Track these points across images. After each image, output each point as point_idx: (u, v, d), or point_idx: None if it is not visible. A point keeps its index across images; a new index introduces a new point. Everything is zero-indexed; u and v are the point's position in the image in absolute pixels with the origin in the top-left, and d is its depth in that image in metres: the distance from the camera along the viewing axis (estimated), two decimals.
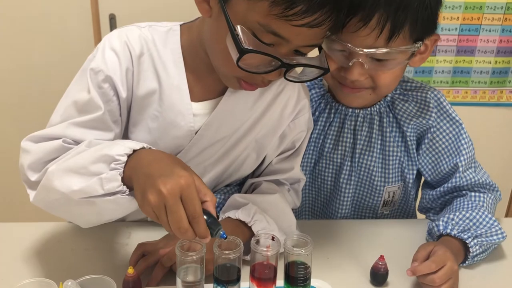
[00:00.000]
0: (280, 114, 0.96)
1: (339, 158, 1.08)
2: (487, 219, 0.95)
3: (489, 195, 1.03)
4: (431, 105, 1.03)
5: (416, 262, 0.85)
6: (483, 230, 0.93)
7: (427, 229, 1.01)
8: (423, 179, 1.12)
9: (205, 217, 0.67)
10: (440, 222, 0.94)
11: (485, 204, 1.01)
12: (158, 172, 0.66)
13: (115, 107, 0.86)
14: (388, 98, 1.05)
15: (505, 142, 2.13)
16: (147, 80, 0.86)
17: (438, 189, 1.06)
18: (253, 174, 1.04)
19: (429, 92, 1.04)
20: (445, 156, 1.05)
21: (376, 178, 1.07)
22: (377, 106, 1.05)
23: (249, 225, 0.88)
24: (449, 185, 1.04)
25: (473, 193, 1.03)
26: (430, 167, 1.07)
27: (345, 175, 1.07)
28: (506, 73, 2.03)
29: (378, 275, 0.88)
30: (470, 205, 0.99)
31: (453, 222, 0.94)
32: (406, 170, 1.07)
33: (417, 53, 0.94)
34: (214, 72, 0.85)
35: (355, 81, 0.93)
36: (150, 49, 0.86)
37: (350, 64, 0.90)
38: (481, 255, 0.93)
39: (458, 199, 1.03)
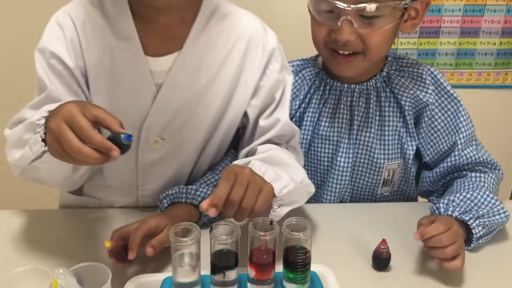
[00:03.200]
0: (242, 61, 0.93)
1: (335, 136, 1.05)
2: (488, 199, 0.93)
3: (490, 174, 1.01)
4: (427, 81, 1.02)
5: (422, 226, 0.83)
6: (485, 211, 0.91)
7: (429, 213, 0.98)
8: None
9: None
10: (441, 205, 0.92)
11: (486, 184, 0.98)
12: (49, 117, 0.73)
13: (70, 80, 0.87)
14: (384, 73, 1.04)
15: (510, 124, 2.10)
16: (97, 45, 0.87)
17: (437, 168, 1.04)
18: (243, 145, 1.01)
19: (425, 69, 1.04)
20: (444, 134, 1.03)
21: (376, 155, 1.05)
22: (373, 81, 1.03)
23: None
24: (448, 163, 1.02)
25: (473, 173, 1.01)
26: (429, 146, 1.05)
27: (343, 153, 1.05)
28: (511, 55, 1.99)
29: (380, 259, 0.86)
30: (470, 186, 0.97)
31: (454, 203, 0.92)
32: (405, 146, 1.05)
33: (408, 18, 0.95)
34: (167, 21, 0.87)
35: (346, 42, 0.93)
36: (94, 11, 0.87)
37: (339, 23, 0.91)
38: (486, 237, 0.91)
39: (459, 180, 1.01)
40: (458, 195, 0.94)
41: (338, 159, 1.05)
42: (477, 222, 0.89)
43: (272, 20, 1.05)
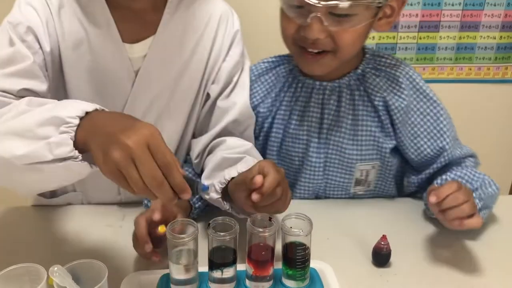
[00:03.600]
0: (212, 42, 0.94)
1: (305, 135, 1.02)
2: (477, 174, 0.95)
3: (472, 158, 1.04)
4: (403, 85, 0.98)
5: (434, 191, 0.81)
6: (478, 184, 0.92)
7: (425, 204, 0.99)
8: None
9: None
10: (438, 181, 0.92)
11: (468, 164, 1.01)
12: (118, 128, 0.61)
13: (41, 62, 0.84)
14: (359, 71, 1.00)
15: (509, 118, 2.09)
16: (73, 32, 0.86)
17: (424, 174, 1.02)
18: (197, 127, 1.00)
19: (403, 72, 1.00)
20: (427, 139, 1.00)
21: (347, 155, 1.01)
22: (347, 78, 0.99)
23: None
24: (438, 165, 1.01)
25: (458, 166, 1.02)
26: (412, 150, 1.01)
27: (313, 152, 1.02)
28: (511, 49, 1.98)
29: (380, 255, 0.85)
30: (458, 167, 0.99)
31: (448, 179, 0.93)
32: (383, 146, 1.01)
33: (383, 16, 0.90)
34: (141, 7, 0.86)
35: (315, 40, 0.89)
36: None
37: (308, 20, 0.86)
38: (483, 211, 0.91)
39: (444, 172, 1.01)
40: (448, 173, 0.95)
41: (309, 158, 1.02)
42: (474, 195, 0.88)
43: (254, 18, 1.04)
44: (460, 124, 2.04)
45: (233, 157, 0.88)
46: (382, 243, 0.85)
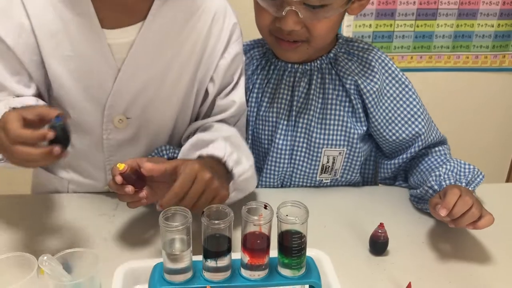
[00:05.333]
0: (207, 35, 0.92)
1: (274, 117, 1.01)
2: (465, 166, 0.96)
3: (445, 145, 1.04)
4: (375, 69, 0.98)
5: (439, 205, 0.81)
6: (469, 177, 0.93)
7: (413, 196, 0.99)
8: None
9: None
10: (432, 183, 0.92)
11: (448, 155, 1.02)
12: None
13: (12, 60, 0.84)
14: (331, 55, 1.00)
15: (506, 107, 2.08)
16: (48, 20, 0.83)
17: (400, 158, 1.02)
18: (196, 118, 1.00)
19: (375, 56, 0.99)
20: (400, 124, 0.99)
21: (314, 139, 1.00)
22: (318, 62, 0.99)
23: (223, 160, 0.83)
24: (412, 153, 1.00)
25: (433, 149, 1.02)
26: (388, 136, 1.00)
27: (281, 135, 1.01)
28: (509, 37, 1.97)
29: (378, 243, 0.84)
30: (441, 160, 0.99)
31: (441, 178, 0.92)
32: (351, 132, 0.99)
33: (355, 0, 0.91)
34: None
35: (291, 31, 0.90)
36: None
37: (283, 13, 0.87)
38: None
39: (424, 160, 1.01)
40: (440, 169, 0.95)
41: (277, 141, 1.01)
42: (470, 188, 0.90)
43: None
44: (456, 113, 2.04)
45: (206, 140, 0.87)
46: (380, 231, 0.84)
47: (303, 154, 1.02)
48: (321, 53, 0.99)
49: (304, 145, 1.01)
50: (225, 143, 0.85)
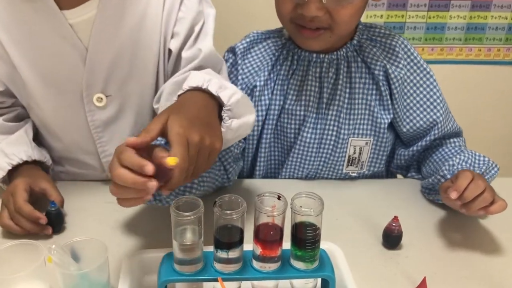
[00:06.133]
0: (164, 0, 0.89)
1: (302, 110, 0.98)
2: (480, 158, 0.95)
3: (461, 138, 1.04)
4: (400, 54, 0.97)
5: (450, 187, 0.79)
6: (484, 168, 0.92)
7: (424, 188, 0.97)
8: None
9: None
10: (445, 172, 0.91)
11: (462, 146, 1.01)
12: None
13: None
14: (355, 42, 0.97)
15: None
16: (3, 13, 0.82)
17: (416, 146, 1.00)
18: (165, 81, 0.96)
19: (398, 41, 0.98)
20: (419, 111, 0.98)
21: (343, 130, 0.98)
22: (344, 50, 0.97)
23: (204, 87, 0.76)
24: (427, 141, 0.99)
25: (447, 140, 1.01)
26: (404, 122, 0.99)
27: (309, 128, 0.98)
28: None
29: (392, 237, 0.82)
30: (455, 151, 0.98)
31: (455, 168, 0.91)
32: (378, 120, 0.98)
33: None
34: None
35: (313, 18, 0.87)
36: None
37: None
38: None
39: (438, 151, 1.00)
40: (454, 158, 0.93)
41: (304, 134, 0.99)
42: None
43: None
44: (468, 107, 2.01)
45: (179, 80, 0.84)
46: (394, 224, 0.82)
47: (330, 146, 1.00)
48: (343, 41, 0.97)
49: (333, 137, 0.99)
50: (200, 73, 0.80)
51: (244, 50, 1.01)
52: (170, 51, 0.92)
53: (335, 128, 0.98)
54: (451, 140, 1.01)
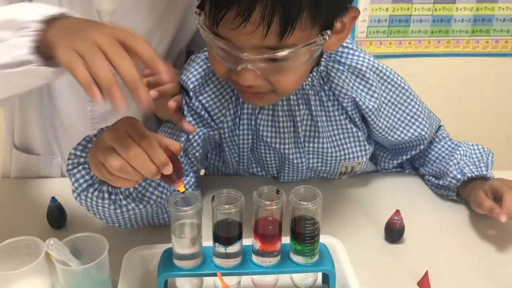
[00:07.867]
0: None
1: (281, 148, 0.91)
2: (475, 147, 0.97)
3: (442, 127, 1.04)
4: (370, 80, 0.87)
5: (496, 209, 0.81)
6: (485, 158, 0.95)
7: (435, 186, 0.97)
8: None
9: None
10: (455, 173, 0.91)
11: (448, 136, 1.02)
12: (91, 25, 0.58)
13: None
14: (322, 68, 0.85)
15: None
16: None
17: (405, 156, 0.99)
18: None
19: (364, 63, 0.87)
20: (402, 127, 0.93)
21: (330, 159, 0.93)
22: (309, 79, 0.85)
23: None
24: (418, 148, 0.97)
25: (435, 137, 1.01)
26: (390, 142, 0.96)
27: (294, 159, 0.93)
28: None
29: (394, 231, 0.82)
30: (448, 146, 0.99)
31: (460, 165, 0.92)
32: (365, 143, 0.93)
33: (332, 34, 0.72)
34: None
35: (250, 86, 0.74)
36: None
37: (238, 69, 0.71)
38: None
39: (431, 148, 1.00)
40: (456, 156, 0.94)
41: (291, 161, 0.93)
42: (489, 172, 0.91)
43: None
44: (475, 99, 1.99)
45: None
46: (396, 218, 0.81)
47: (320, 167, 0.97)
48: None
49: (320, 163, 0.95)
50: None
51: (197, 89, 0.87)
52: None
53: (321, 157, 0.94)
54: (438, 133, 1.01)
